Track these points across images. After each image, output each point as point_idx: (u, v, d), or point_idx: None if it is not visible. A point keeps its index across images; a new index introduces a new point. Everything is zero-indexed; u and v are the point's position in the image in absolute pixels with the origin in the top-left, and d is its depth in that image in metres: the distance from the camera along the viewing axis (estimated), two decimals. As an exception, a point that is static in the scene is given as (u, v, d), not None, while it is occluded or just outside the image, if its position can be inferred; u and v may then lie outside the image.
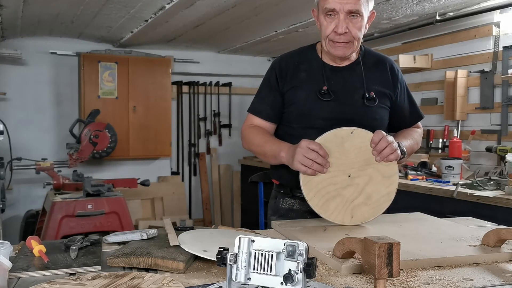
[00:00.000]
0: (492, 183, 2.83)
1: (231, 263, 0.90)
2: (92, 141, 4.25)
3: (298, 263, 0.87)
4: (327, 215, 1.57)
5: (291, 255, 0.88)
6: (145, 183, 4.27)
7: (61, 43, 4.86)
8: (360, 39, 1.70)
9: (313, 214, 1.76)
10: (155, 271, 1.17)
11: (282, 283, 0.88)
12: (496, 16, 3.44)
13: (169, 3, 3.41)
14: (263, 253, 0.89)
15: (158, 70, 5.08)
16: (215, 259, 0.92)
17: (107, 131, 4.37)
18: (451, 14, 3.51)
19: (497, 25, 3.44)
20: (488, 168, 3.35)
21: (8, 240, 1.20)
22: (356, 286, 1.06)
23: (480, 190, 2.77)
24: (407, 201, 2.94)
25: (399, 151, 1.56)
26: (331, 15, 1.64)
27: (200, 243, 1.27)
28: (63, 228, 3.66)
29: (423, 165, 3.50)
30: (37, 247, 1.27)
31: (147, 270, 1.18)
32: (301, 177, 1.57)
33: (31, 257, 1.26)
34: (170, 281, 1.03)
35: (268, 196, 2.04)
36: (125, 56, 4.99)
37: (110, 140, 4.38)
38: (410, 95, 1.90)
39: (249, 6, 3.47)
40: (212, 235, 1.41)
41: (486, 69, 3.49)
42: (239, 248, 0.90)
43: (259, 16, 3.78)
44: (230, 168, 5.77)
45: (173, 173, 5.50)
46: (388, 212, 1.63)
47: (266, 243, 0.90)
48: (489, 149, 3.22)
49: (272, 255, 0.89)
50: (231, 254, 0.90)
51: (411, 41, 4.19)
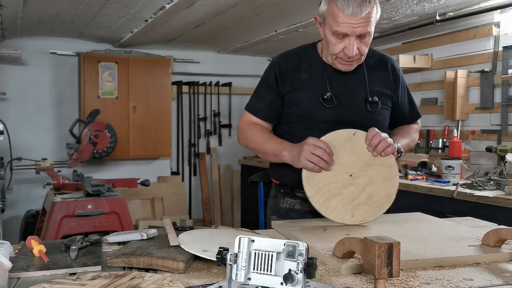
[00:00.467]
0: (492, 183, 2.83)
1: (231, 263, 0.90)
2: (92, 141, 4.25)
3: (298, 263, 0.87)
4: (327, 213, 1.57)
5: (291, 255, 0.88)
6: (145, 183, 4.27)
7: (61, 43, 4.86)
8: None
9: (314, 214, 1.76)
10: (155, 271, 1.17)
11: (282, 283, 0.88)
12: (496, 16, 3.44)
13: (169, 3, 3.41)
14: (263, 253, 0.89)
15: (158, 70, 5.08)
16: (215, 259, 0.92)
17: (107, 131, 4.37)
18: (451, 14, 3.51)
19: (497, 25, 3.44)
20: (488, 168, 3.35)
21: (8, 240, 1.20)
22: (356, 286, 1.06)
23: (480, 190, 2.77)
24: (407, 201, 2.94)
25: (395, 145, 1.59)
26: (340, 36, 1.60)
27: (200, 243, 1.27)
28: (63, 228, 3.66)
29: (423, 165, 3.51)
30: (37, 247, 1.27)
31: (147, 270, 1.18)
32: (304, 173, 1.57)
33: (31, 257, 1.26)
34: (170, 281, 1.03)
35: (268, 196, 2.03)
36: (125, 56, 4.99)
37: (110, 140, 4.39)
38: (410, 94, 1.91)
39: (249, 6, 3.47)
40: (212, 235, 1.41)
41: (486, 69, 3.49)
42: (239, 248, 0.90)
43: (259, 16, 3.78)
44: (230, 168, 5.77)
45: (173, 173, 5.50)
46: (388, 212, 1.63)
47: (266, 243, 0.90)
48: (489, 149, 3.22)
49: (272, 255, 0.89)
50: (231, 254, 0.90)
51: (411, 41, 4.19)
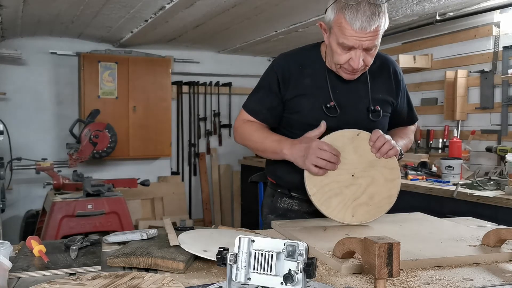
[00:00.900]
0: (492, 183, 2.83)
1: (231, 263, 0.90)
2: (92, 141, 4.25)
3: (298, 263, 0.87)
4: (328, 212, 1.57)
5: (291, 255, 0.88)
6: (145, 183, 4.27)
7: (61, 43, 4.86)
8: None
9: (312, 215, 1.76)
10: (155, 271, 1.17)
11: (282, 283, 0.88)
12: (496, 16, 3.44)
13: (169, 3, 3.41)
14: (263, 253, 0.89)
15: (158, 70, 5.08)
16: (215, 259, 0.92)
17: (107, 131, 4.37)
18: (451, 14, 3.50)
19: (497, 25, 3.44)
20: (488, 168, 3.35)
21: (8, 240, 1.20)
22: (356, 286, 1.06)
23: (480, 190, 2.77)
24: (407, 201, 2.94)
25: (397, 147, 1.59)
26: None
27: (200, 243, 1.27)
28: (63, 228, 3.67)
29: (423, 165, 3.51)
30: (37, 247, 1.27)
31: (147, 270, 1.18)
32: (306, 172, 1.57)
33: (31, 257, 1.26)
34: (170, 281, 1.03)
35: (266, 195, 2.02)
36: (125, 56, 4.99)
37: (110, 140, 4.39)
38: (409, 98, 1.90)
39: (249, 6, 3.47)
40: (212, 235, 1.41)
41: (486, 69, 3.49)
42: (239, 248, 0.90)
43: (259, 16, 3.78)
44: (230, 168, 5.77)
45: (173, 173, 5.50)
46: (388, 212, 1.63)
47: (266, 243, 0.90)
48: (489, 149, 3.22)
49: (272, 255, 0.89)
50: (231, 254, 0.90)
51: (411, 41, 4.19)
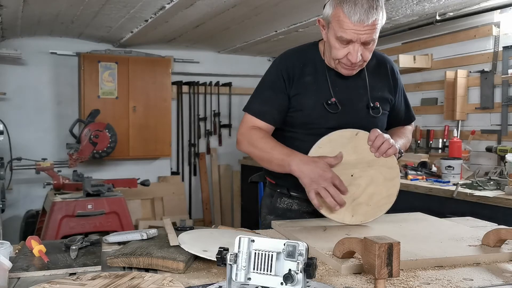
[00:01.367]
0: (492, 183, 2.83)
1: (231, 263, 0.90)
2: (92, 141, 4.25)
3: (298, 263, 0.87)
4: (327, 213, 1.57)
5: (291, 255, 0.88)
6: (145, 183, 4.27)
7: (61, 43, 4.86)
8: None
9: (312, 215, 1.76)
10: (155, 271, 1.17)
11: (282, 283, 0.88)
12: (496, 16, 3.44)
13: (169, 3, 3.41)
14: (263, 253, 0.89)
15: (158, 70, 5.08)
16: (215, 259, 0.92)
17: (107, 131, 4.37)
18: (451, 14, 3.50)
19: (497, 25, 3.44)
20: (488, 168, 3.35)
21: (8, 240, 1.20)
22: (356, 286, 1.06)
23: (480, 190, 2.76)
24: (407, 201, 2.94)
25: (396, 146, 1.59)
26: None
27: (200, 243, 1.27)
28: (63, 228, 3.67)
29: (423, 165, 3.51)
30: (37, 247, 1.27)
31: (147, 270, 1.18)
32: None
33: (31, 257, 1.26)
34: (170, 281, 1.03)
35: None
36: (125, 56, 4.99)
37: (110, 140, 4.39)
38: (406, 97, 1.91)
39: (249, 6, 3.47)
40: (212, 235, 1.41)
41: (486, 69, 3.49)
42: (239, 248, 0.90)
43: (259, 16, 3.78)
44: (230, 168, 5.77)
45: (173, 173, 5.50)
46: (388, 212, 1.63)
47: (266, 243, 0.90)
48: (489, 149, 3.22)
49: (272, 255, 0.89)
50: (231, 254, 0.90)
51: (411, 41, 4.19)
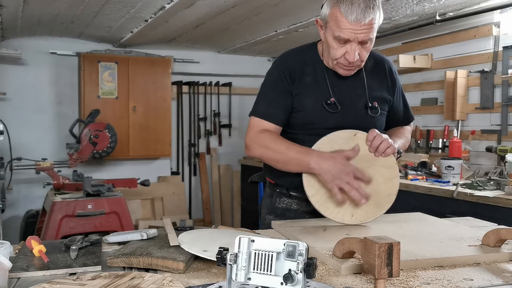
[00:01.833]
0: (492, 183, 2.83)
1: (231, 263, 0.90)
2: (92, 141, 4.25)
3: (298, 263, 0.87)
4: (327, 213, 1.57)
5: (291, 255, 0.88)
6: (145, 183, 4.27)
7: (61, 43, 4.86)
8: None
9: (311, 214, 1.76)
10: (155, 271, 1.17)
11: (282, 283, 0.88)
12: (496, 16, 3.44)
13: (169, 3, 3.41)
14: (263, 253, 0.89)
15: (158, 70, 5.08)
16: (215, 259, 0.92)
17: (107, 131, 4.37)
18: (451, 14, 3.50)
19: (497, 25, 3.44)
20: (488, 168, 3.35)
21: (8, 240, 1.20)
22: (356, 286, 1.06)
23: (480, 190, 2.76)
24: (407, 201, 2.94)
25: (395, 145, 1.60)
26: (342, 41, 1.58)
27: (200, 243, 1.27)
28: (63, 228, 3.67)
29: (423, 165, 3.50)
30: (37, 247, 1.27)
31: (147, 270, 1.18)
32: (305, 173, 1.58)
33: (31, 257, 1.26)
34: (170, 281, 1.03)
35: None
36: (125, 56, 4.99)
37: (110, 140, 4.39)
38: (405, 97, 1.91)
39: (249, 6, 3.47)
40: (212, 235, 1.41)
41: (486, 69, 3.49)
42: (239, 248, 0.90)
43: (259, 16, 3.78)
44: (230, 168, 5.76)
45: (173, 173, 5.50)
46: (388, 212, 1.63)
47: (266, 243, 0.90)
48: (489, 149, 3.22)
49: (272, 255, 0.89)
50: (231, 254, 0.90)
51: (411, 41, 4.19)
